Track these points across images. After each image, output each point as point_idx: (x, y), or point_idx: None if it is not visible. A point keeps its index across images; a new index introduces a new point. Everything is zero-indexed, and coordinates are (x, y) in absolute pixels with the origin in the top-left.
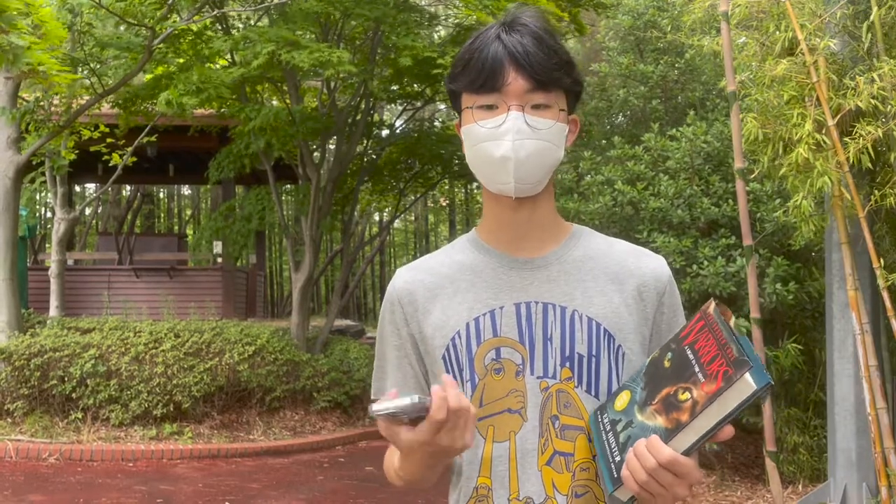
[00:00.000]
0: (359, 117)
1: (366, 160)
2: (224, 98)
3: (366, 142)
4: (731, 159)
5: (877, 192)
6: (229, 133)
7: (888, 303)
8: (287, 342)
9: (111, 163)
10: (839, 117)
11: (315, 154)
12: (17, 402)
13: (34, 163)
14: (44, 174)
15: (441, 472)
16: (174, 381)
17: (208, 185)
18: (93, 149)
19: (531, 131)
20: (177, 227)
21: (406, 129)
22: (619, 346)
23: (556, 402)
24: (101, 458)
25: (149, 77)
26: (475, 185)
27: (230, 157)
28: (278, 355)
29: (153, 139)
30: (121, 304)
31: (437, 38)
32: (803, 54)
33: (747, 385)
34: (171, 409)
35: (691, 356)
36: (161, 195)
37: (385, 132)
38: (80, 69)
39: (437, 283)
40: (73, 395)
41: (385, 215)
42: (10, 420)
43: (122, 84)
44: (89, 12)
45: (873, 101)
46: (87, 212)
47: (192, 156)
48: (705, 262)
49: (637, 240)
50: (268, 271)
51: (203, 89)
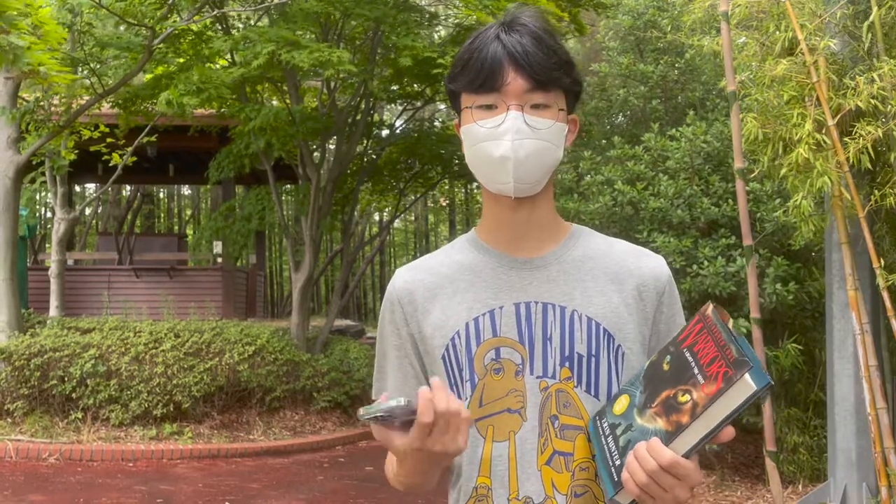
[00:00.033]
0: (359, 117)
1: (366, 160)
2: (224, 98)
3: (366, 142)
4: (731, 159)
5: (877, 192)
6: (229, 133)
7: (888, 303)
8: (287, 342)
9: (111, 163)
10: (839, 117)
11: (315, 154)
12: (17, 402)
13: (34, 163)
14: (44, 174)
15: (441, 475)
16: (174, 381)
17: (208, 185)
18: (93, 149)
19: (530, 131)
20: (177, 227)
21: (406, 129)
22: (619, 345)
23: (556, 402)
24: (101, 458)
25: (149, 77)
26: (475, 185)
27: (230, 157)
28: (278, 355)
29: (153, 139)
30: (121, 304)
31: (437, 38)
32: (803, 54)
33: (747, 385)
34: (171, 409)
35: (690, 358)
36: (161, 195)
37: (385, 132)
38: (80, 69)
39: (437, 283)
40: (73, 395)
41: (385, 215)
42: (10, 420)
43: (122, 84)
44: (89, 12)
45: (873, 101)
46: (87, 212)
47: (192, 156)
48: (705, 262)
49: (637, 240)
50: (268, 271)
51: (203, 89)
